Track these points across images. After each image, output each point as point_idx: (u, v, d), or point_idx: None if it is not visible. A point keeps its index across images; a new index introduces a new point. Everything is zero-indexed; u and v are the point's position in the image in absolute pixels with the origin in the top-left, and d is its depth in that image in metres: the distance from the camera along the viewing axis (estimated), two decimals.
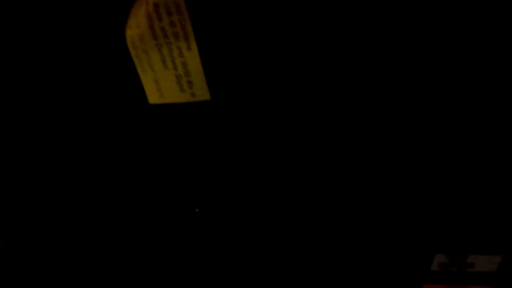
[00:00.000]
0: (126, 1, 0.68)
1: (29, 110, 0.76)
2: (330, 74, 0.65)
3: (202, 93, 0.77)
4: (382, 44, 0.66)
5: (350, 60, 0.64)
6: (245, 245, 0.61)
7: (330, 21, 0.66)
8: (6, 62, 0.73)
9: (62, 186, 0.83)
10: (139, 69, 0.74)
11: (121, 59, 0.72)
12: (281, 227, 0.62)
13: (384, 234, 0.68)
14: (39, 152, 0.79)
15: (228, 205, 0.70)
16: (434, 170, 0.66)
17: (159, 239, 0.82)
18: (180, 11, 0.68)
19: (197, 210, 0.62)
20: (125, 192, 0.80)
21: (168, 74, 0.75)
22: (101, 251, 0.86)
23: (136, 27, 0.69)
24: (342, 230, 0.62)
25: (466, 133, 0.67)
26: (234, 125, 0.69)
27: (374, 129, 0.63)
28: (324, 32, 0.67)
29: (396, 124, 0.64)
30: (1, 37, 0.73)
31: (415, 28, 0.64)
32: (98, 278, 0.88)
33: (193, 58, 0.73)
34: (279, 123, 0.67)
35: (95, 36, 0.72)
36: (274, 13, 0.70)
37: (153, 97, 0.77)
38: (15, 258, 0.85)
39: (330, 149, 0.62)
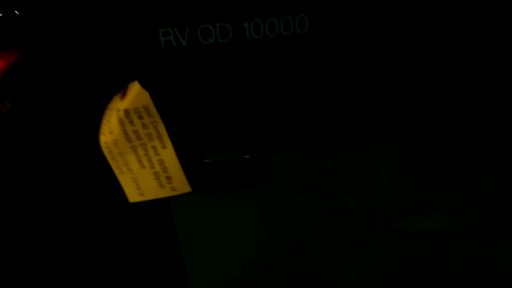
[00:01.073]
0: (98, 107, 0.70)
1: None
2: None
3: (182, 186, 0.78)
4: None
5: None
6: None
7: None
8: None
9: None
10: (116, 171, 0.75)
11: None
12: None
13: None
14: None
15: None
16: None
17: None
18: (151, 113, 0.70)
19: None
20: None
21: (146, 173, 0.76)
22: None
23: (109, 133, 0.71)
24: None
25: None
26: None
27: None
28: None
29: None
30: None
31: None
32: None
33: (169, 155, 0.74)
34: None
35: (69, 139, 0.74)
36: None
37: (133, 196, 0.78)
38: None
39: None
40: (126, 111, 0.68)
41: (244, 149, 0.78)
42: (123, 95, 0.69)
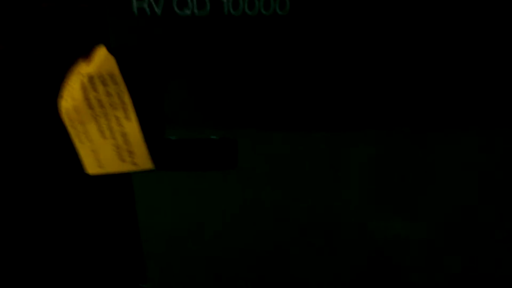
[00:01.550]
0: (59, 73, 0.66)
1: None
2: None
3: (144, 162, 0.75)
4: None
5: None
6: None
7: None
8: None
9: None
10: (75, 140, 0.71)
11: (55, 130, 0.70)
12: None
13: None
14: None
15: None
16: None
17: None
18: (116, 81, 0.67)
19: None
20: None
21: (107, 144, 0.73)
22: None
23: (71, 99, 0.67)
24: None
25: None
26: None
27: None
28: None
29: None
30: None
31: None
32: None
33: (132, 128, 0.71)
34: None
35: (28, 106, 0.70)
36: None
37: (91, 168, 0.74)
38: None
39: None
40: (90, 77, 0.65)
41: (211, 127, 0.75)
42: (88, 59, 0.66)
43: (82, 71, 0.63)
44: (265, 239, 0.84)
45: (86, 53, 0.65)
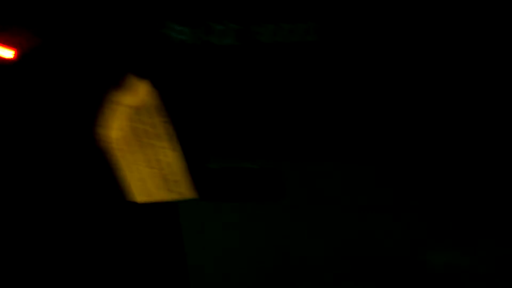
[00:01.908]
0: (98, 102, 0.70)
1: None
2: None
3: (188, 191, 0.77)
4: None
5: None
6: None
7: None
8: None
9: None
10: (124, 169, 0.75)
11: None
12: None
13: None
14: None
15: None
16: None
17: None
18: (160, 113, 0.70)
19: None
20: None
21: (154, 174, 0.76)
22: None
23: (119, 129, 0.72)
24: None
25: None
26: None
27: None
28: None
29: None
30: None
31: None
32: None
33: (177, 158, 0.74)
34: None
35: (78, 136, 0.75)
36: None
37: (139, 196, 0.78)
38: None
39: None
40: (136, 108, 0.69)
41: (252, 158, 0.77)
42: (132, 92, 0.70)
43: (128, 102, 0.67)
44: (317, 273, 0.83)
45: (128, 84, 0.70)
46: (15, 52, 0.75)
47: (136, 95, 0.66)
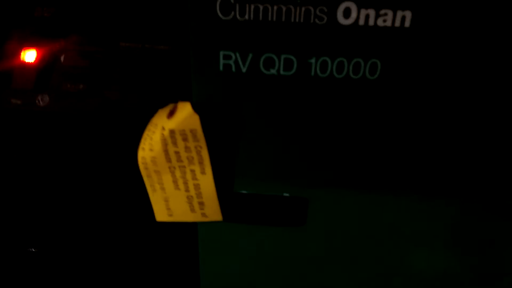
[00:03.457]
0: (140, 123, 0.66)
1: None
2: None
3: (213, 214, 0.74)
4: None
5: None
6: None
7: None
8: None
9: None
10: (148, 188, 0.71)
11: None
12: None
13: None
14: None
15: None
16: None
17: None
18: (197, 138, 0.66)
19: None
20: None
21: (179, 195, 0.72)
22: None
23: (149, 150, 0.67)
24: None
25: None
26: None
27: None
28: None
29: None
30: None
31: None
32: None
33: (206, 181, 0.70)
34: None
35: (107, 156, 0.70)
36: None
37: (161, 216, 0.74)
38: None
39: None
40: (172, 132, 0.64)
41: (281, 183, 0.74)
42: (171, 114, 0.66)
43: (165, 125, 0.63)
44: None
45: (168, 106, 0.65)
46: (37, 55, 0.70)
47: (175, 119, 0.62)
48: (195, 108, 0.63)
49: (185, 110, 0.62)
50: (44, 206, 0.77)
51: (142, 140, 0.67)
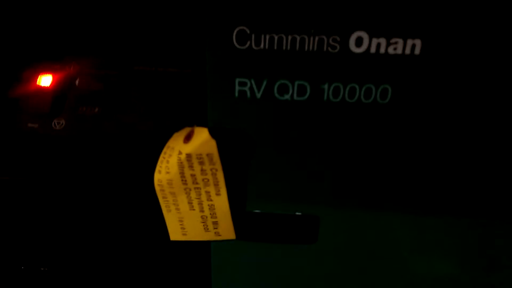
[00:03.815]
0: (156, 145, 0.68)
1: None
2: None
3: (227, 233, 0.75)
4: None
5: None
6: None
7: None
8: None
9: None
10: (163, 208, 0.73)
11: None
12: None
13: None
14: None
15: None
16: None
17: None
18: (213, 161, 0.68)
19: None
20: None
21: (194, 215, 0.73)
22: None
23: (166, 172, 0.69)
24: None
25: None
26: None
27: None
28: None
29: None
30: None
31: None
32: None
33: (221, 202, 0.72)
34: None
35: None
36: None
37: (175, 235, 0.76)
38: None
39: None
40: (189, 156, 0.66)
41: (295, 203, 0.75)
42: (188, 138, 0.67)
43: (182, 149, 0.64)
44: None
45: (185, 130, 0.67)
46: (57, 78, 0.71)
47: (192, 143, 0.63)
48: (212, 133, 0.64)
49: (202, 135, 0.64)
50: (60, 228, 0.78)
51: (159, 163, 0.69)
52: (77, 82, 0.78)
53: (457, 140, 0.67)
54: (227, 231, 0.74)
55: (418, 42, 0.61)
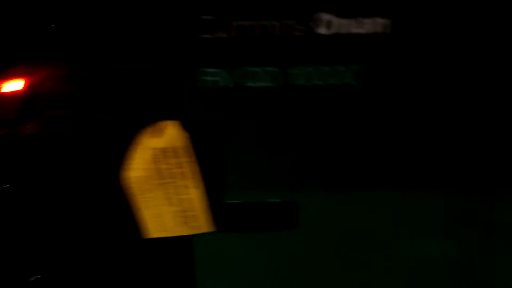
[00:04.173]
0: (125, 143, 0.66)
1: None
2: None
3: (206, 225, 0.75)
4: None
5: None
6: None
7: None
8: None
9: None
10: (141, 206, 0.72)
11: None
12: None
13: None
14: None
15: None
16: None
17: None
18: (188, 154, 0.67)
19: None
20: None
21: (172, 210, 0.73)
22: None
23: (141, 169, 0.68)
24: None
25: None
26: None
27: None
28: None
29: None
30: None
31: None
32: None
33: (199, 195, 0.72)
34: None
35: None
36: None
37: (155, 231, 0.75)
38: None
39: None
40: (163, 150, 0.66)
41: (270, 189, 0.76)
42: (161, 132, 0.67)
43: (156, 144, 0.64)
44: None
45: (157, 125, 0.66)
46: (25, 83, 0.70)
47: (165, 137, 0.63)
48: (185, 125, 0.64)
49: (174, 128, 0.64)
50: (38, 231, 0.76)
51: (133, 160, 0.68)
52: (47, 85, 0.76)
53: (429, 118, 0.68)
54: (206, 223, 0.74)
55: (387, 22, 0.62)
